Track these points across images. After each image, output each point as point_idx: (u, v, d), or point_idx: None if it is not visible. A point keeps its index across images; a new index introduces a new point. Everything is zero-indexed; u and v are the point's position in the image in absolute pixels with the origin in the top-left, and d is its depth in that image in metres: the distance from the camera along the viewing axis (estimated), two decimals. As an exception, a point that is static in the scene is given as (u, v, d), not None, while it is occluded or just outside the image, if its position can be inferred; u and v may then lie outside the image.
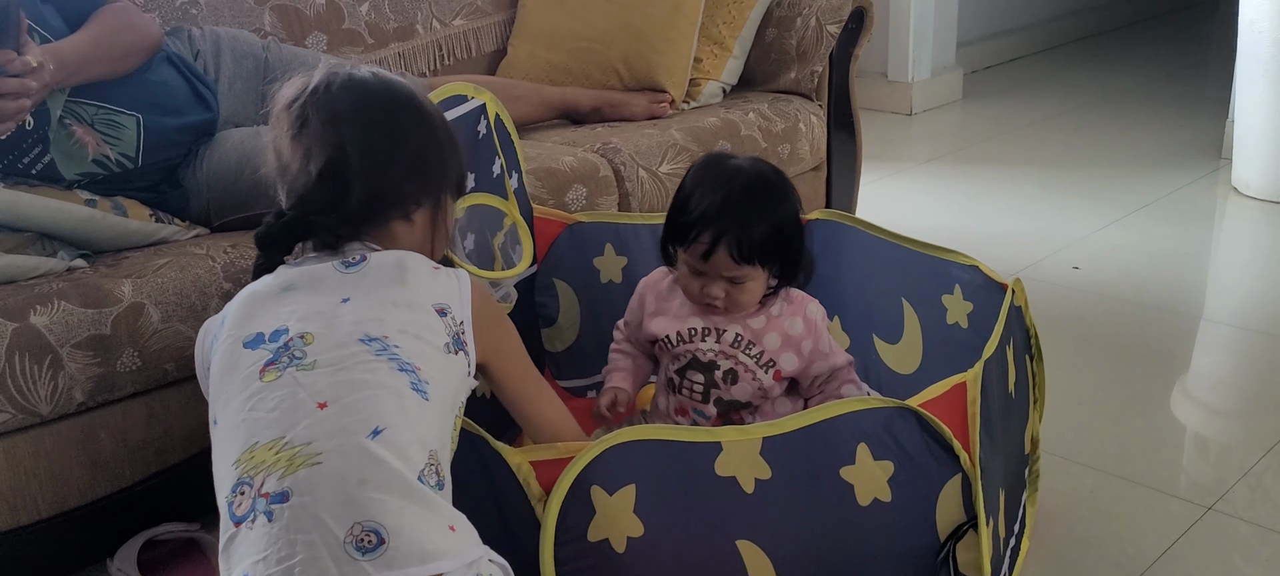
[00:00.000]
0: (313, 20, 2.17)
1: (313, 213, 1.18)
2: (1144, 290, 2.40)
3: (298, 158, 1.19)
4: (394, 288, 1.15)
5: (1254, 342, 2.18)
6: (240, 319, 1.14)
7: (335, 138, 1.18)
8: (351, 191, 1.18)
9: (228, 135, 1.76)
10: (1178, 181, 3.11)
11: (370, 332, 1.09)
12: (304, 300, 1.13)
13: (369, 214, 1.20)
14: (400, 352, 1.09)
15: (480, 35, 2.44)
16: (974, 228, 2.82)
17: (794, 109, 2.33)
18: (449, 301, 1.18)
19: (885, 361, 1.83)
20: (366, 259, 1.17)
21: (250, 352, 1.10)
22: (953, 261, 1.69)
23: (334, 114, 1.19)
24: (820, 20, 2.34)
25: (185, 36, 1.87)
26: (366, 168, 1.19)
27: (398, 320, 1.12)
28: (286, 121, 1.21)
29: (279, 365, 1.07)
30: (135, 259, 1.56)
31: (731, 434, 1.20)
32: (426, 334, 1.13)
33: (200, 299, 1.52)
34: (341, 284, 1.15)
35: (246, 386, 1.07)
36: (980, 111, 4.01)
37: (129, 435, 1.51)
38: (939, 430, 1.23)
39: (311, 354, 1.07)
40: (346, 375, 1.06)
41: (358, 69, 1.26)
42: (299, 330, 1.09)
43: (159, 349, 1.49)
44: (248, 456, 1.03)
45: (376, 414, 1.04)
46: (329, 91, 1.20)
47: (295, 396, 1.04)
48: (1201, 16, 5.73)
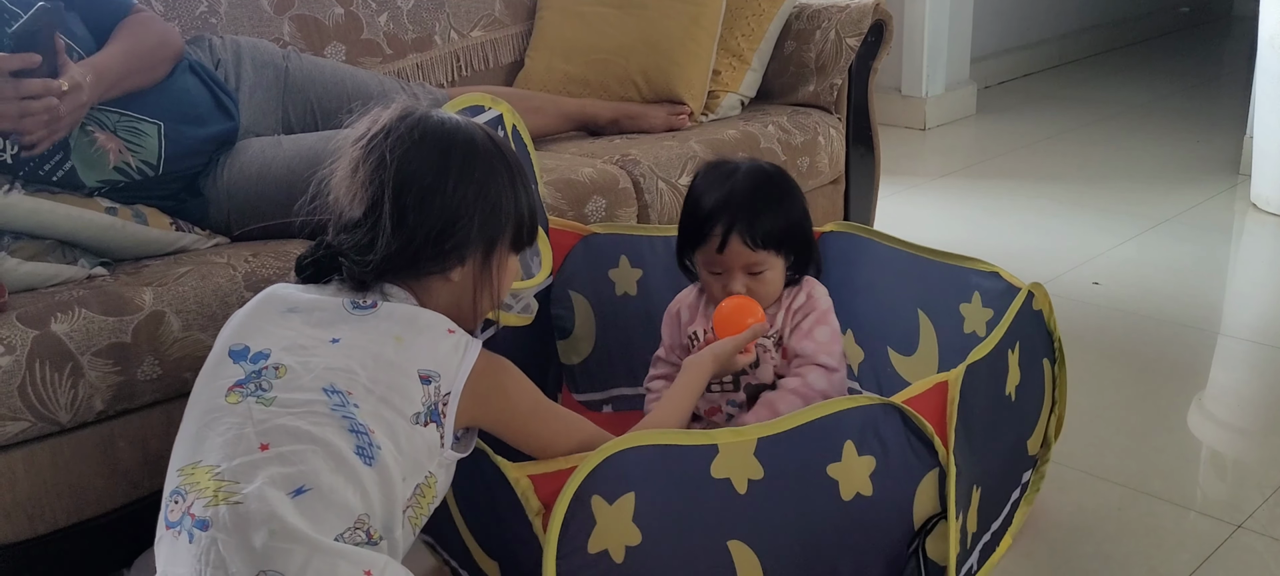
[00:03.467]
0: (331, 30, 2.17)
1: (345, 251, 1.20)
2: (1164, 306, 2.38)
3: (346, 193, 1.22)
4: (385, 343, 1.15)
5: (1275, 359, 2.16)
6: (241, 325, 1.19)
7: (379, 186, 1.19)
8: (384, 241, 1.19)
9: (248, 144, 1.75)
10: (1196, 197, 3.09)
11: (336, 384, 1.12)
12: (298, 329, 1.17)
13: (400, 266, 1.21)
14: (357, 413, 1.11)
15: (498, 46, 2.43)
16: (991, 243, 2.81)
17: (813, 122, 2.32)
18: (439, 370, 1.16)
19: (900, 373, 1.81)
20: (377, 307, 1.19)
21: (230, 365, 1.15)
22: (972, 269, 1.68)
23: (383, 161, 1.20)
24: (840, 33, 2.34)
25: (206, 45, 1.87)
26: (402, 222, 1.19)
27: (370, 378, 1.13)
28: (348, 155, 1.23)
29: (244, 390, 1.12)
30: (155, 267, 1.55)
31: (727, 436, 1.21)
32: (396, 399, 1.13)
33: (221, 308, 1.51)
34: (340, 323, 1.17)
35: (212, 399, 1.13)
36: (995, 127, 3.99)
37: (148, 444, 1.50)
38: (920, 425, 1.26)
39: (276, 389, 1.11)
40: (295, 422, 1.10)
41: (430, 114, 1.25)
42: (277, 360, 1.14)
43: (179, 357, 1.48)
44: (189, 470, 1.10)
45: (305, 472, 1.07)
46: (387, 137, 1.21)
47: (242, 430, 1.09)
48: (1215, 32, 5.72)
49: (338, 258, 1.21)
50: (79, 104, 1.47)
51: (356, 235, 1.20)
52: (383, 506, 1.10)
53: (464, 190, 1.21)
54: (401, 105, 1.25)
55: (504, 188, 1.25)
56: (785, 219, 1.51)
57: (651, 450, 1.21)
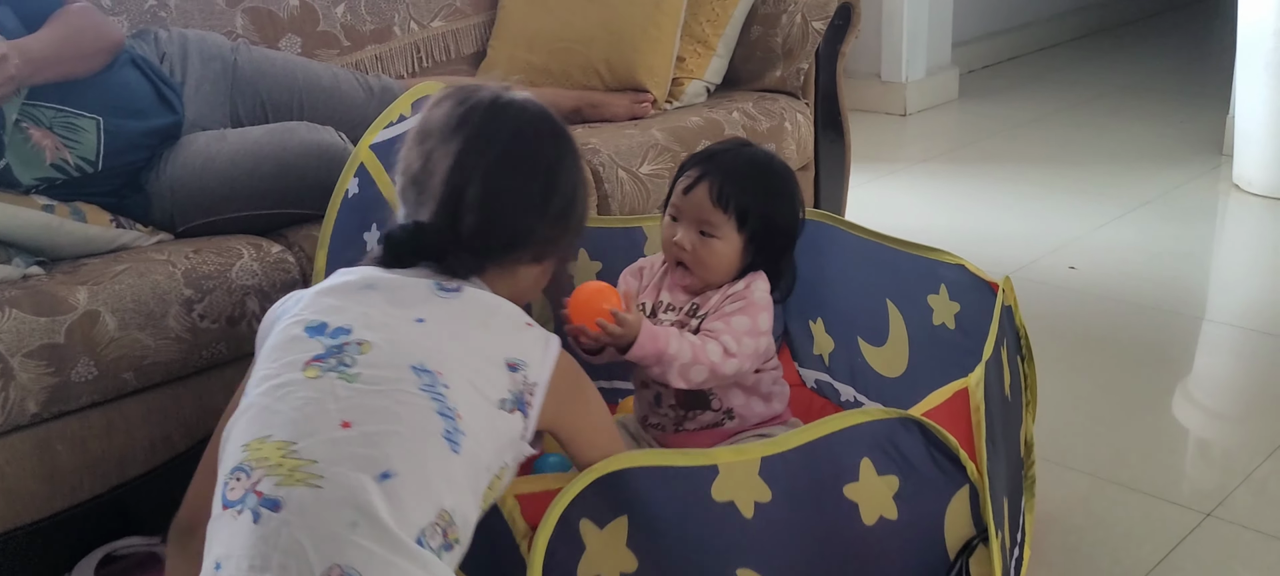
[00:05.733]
0: (286, 22, 2.12)
1: (447, 236, 1.12)
2: (1142, 290, 2.34)
3: (442, 174, 1.13)
4: (474, 328, 1.08)
5: (1256, 343, 2.12)
6: (316, 304, 1.08)
7: (496, 167, 1.13)
8: (494, 224, 1.13)
9: (193, 139, 1.71)
10: (1178, 178, 3.06)
11: (425, 363, 1.03)
12: (380, 306, 1.07)
13: (501, 251, 1.15)
14: (446, 394, 1.02)
15: (459, 37, 2.39)
16: (969, 228, 2.77)
17: (779, 108, 2.28)
18: (527, 359, 1.09)
19: (871, 365, 1.77)
20: (462, 289, 1.11)
21: (306, 339, 1.05)
22: (939, 260, 1.64)
23: (490, 141, 1.13)
24: (806, 17, 2.29)
25: (151, 38, 1.83)
26: (518, 205, 1.14)
27: (460, 360, 1.05)
28: (439, 134, 1.15)
29: (324, 364, 1.02)
30: (94, 266, 1.51)
31: (728, 455, 1.13)
32: (484, 384, 1.05)
33: (159, 306, 1.47)
34: (425, 303, 1.08)
35: (285, 372, 1.03)
36: (976, 111, 3.95)
37: (87, 446, 1.46)
38: (945, 440, 1.17)
39: (360, 365, 1.02)
40: (381, 400, 1.00)
41: (516, 94, 1.19)
42: (360, 336, 1.04)
43: (116, 357, 1.44)
44: (256, 445, 0.99)
45: (392, 455, 0.97)
46: (490, 115, 1.15)
47: (324, 405, 0.99)
48: (1196, 13, 5.67)
49: (432, 241, 1.12)
50: (7, 76, 1.43)
51: (465, 219, 1.12)
52: (465, 498, 1.02)
53: (573, 170, 1.18)
54: (493, 86, 1.19)
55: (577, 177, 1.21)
56: (762, 202, 1.47)
57: (645, 472, 1.13)
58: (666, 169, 2.06)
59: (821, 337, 1.86)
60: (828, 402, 1.86)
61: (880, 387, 1.77)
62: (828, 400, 1.86)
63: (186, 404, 1.54)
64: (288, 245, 1.64)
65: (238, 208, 1.66)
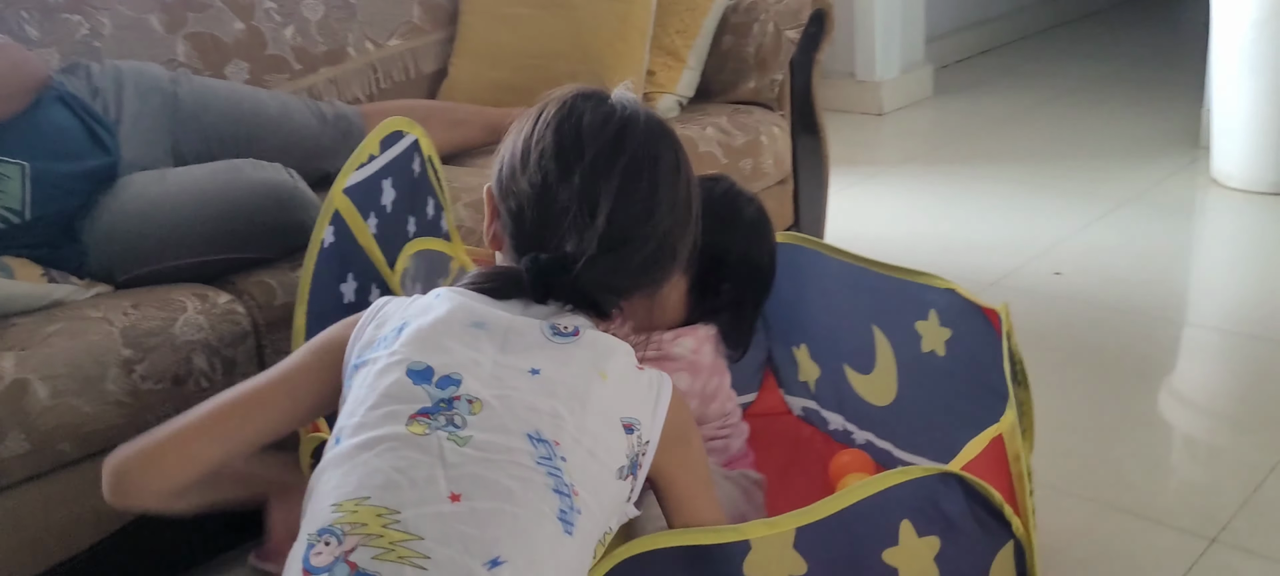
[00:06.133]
0: (232, 47, 2.02)
1: (603, 269, 1.00)
2: (1130, 295, 2.28)
3: (615, 207, 1.00)
4: (590, 380, 0.97)
5: (1249, 348, 2.06)
6: (419, 341, 0.96)
7: (659, 195, 1.02)
8: (653, 255, 1.02)
9: (131, 181, 1.60)
10: (1157, 174, 2.99)
11: (542, 431, 0.92)
12: (490, 353, 0.96)
13: (646, 281, 1.05)
14: (564, 469, 0.92)
15: (418, 55, 2.29)
16: (951, 233, 2.69)
17: (755, 121, 2.19)
18: (641, 416, 0.99)
19: (859, 392, 1.69)
20: (579, 333, 0.99)
21: (411, 386, 0.93)
22: (927, 285, 1.56)
23: (659, 167, 1.03)
24: (778, 26, 2.21)
25: (83, 73, 1.72)
26: (675, 232, 1.04)
27: (578, 426, 0.94)
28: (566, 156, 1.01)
29: (433, 420, 0.91)
30: (23, 326, 1.40)
31: (760, 529, 1.03)
32: (603, 453, 0.95)
33: (96, 369, 1.37)
34: (538, 351, 0.97)
35: (388, 424, 0.91)
36: (952, 108, 3.88)
37: (22, 525, 1.35)
38: (987, 495, 1.09)
39: (471, 427, 0.91)
40: (494, 473, 0.90)
41: (640, 104, 1.08)
42: (471, 391, 0.93)
43: (50, 428, 1.34)
44: (352, 506, 0.88)
45: (503, 540, 0.87)
46: (650, 138, 1.04)
47: (432, 472, 0.89)
48: (1159, 1, 5.64)
49: (576, 275, 1.00)
50: None
51: (615, 257, 1.00)
52: None
53: (695, 201, 1.08)
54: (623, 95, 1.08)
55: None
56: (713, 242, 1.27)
57: (672, 553, 1.03)
58: (637, 191, 1.97)
59: (807, 364, 1.78)
60: (815, 430, 1.78)
61: (869, 416, 1.69)
62: (816, 428, 1.78)
63: (131, 470, 1.44)
64: (236, 294, 1.53)
65: (183, 255, 1.55)
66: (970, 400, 1.54)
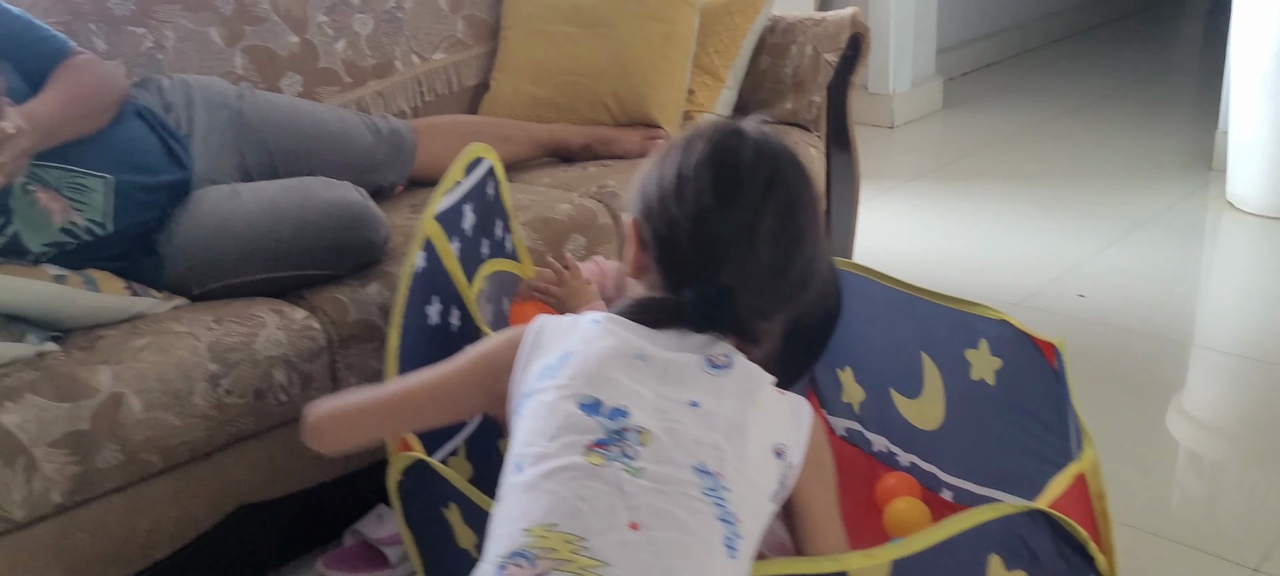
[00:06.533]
0: (286, 60, 2.05)
1: (761, 300, 1.05)
2: (1155, 320, 2.34)
3: (775, 242, 1.05)
4: (746, 410, 1.01)
5: (1277, 377, 2.12)
6: (586, 373, 1.00)
7: (808, 228, 1.08)
8: (802, 285, 1.08)
9: (204, 195, 1.64)
10: (1172, 196, 3.07)
11: (706, 463, 0.97)
12: (651, 384, 1.00)
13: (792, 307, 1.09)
14: (728, 498, 0.96)
15: (461, 69, 2.33)
16: (971, 251, 2.75)
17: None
18: (788, 441, 1.03)
19: (905, 416, 1.74)
20: (732, 364, 1.03)
21: (583, 417, 0.98)
22: (979, 315, 1.61)
23: (794, 195, 1.07)
24: (817, 48, 2.26)
25: (154, 87, 1.75)
26: (812, 265, 1.08)
27: (738, 456, 0.98)
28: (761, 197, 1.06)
29: (608, 452, 0.96)
30: (111, 339, 1.44)
31: (858, 560, 1.07)
32: (760, 480, 1.00)
33: (184, 383, 1.41)
34: (697, 383, 1.01)
35: (567, 454, 0.96)
36: (962, 122, 3.95)
37: (109, 533, 1.39)
38: (1073, 532, 1.13)
39: (643, 459, 0.96)
40: (667, 503, 0.94)
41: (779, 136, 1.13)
42: (639, 423, 0.98)
43: (142, 440, 1.37)
44: (542, 532, 0.93)
45: (679, 568, 0.92)
46: (779, 162, 1.08)
47: (612, 502, 0.94)
48: (1163, 15, 5.73)
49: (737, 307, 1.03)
50: (19, 151, 1.36)
51: (781, 280, 1.05)
52: None
53: (821, 221, 1.12)
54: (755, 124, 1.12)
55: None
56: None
57: None
58: (685, 211, 2.01)
59: (851, 386, 1.83)
60: (858, 451, 1.83)
61: (915, 439, 1.74)
62: (858, 449, 1.83)
63: (211, 481, 1.48)
64: (311, 310, 1.57)
65: (257, 270, 1.59)
66: (1019, 429, 1.60)
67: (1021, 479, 1.62)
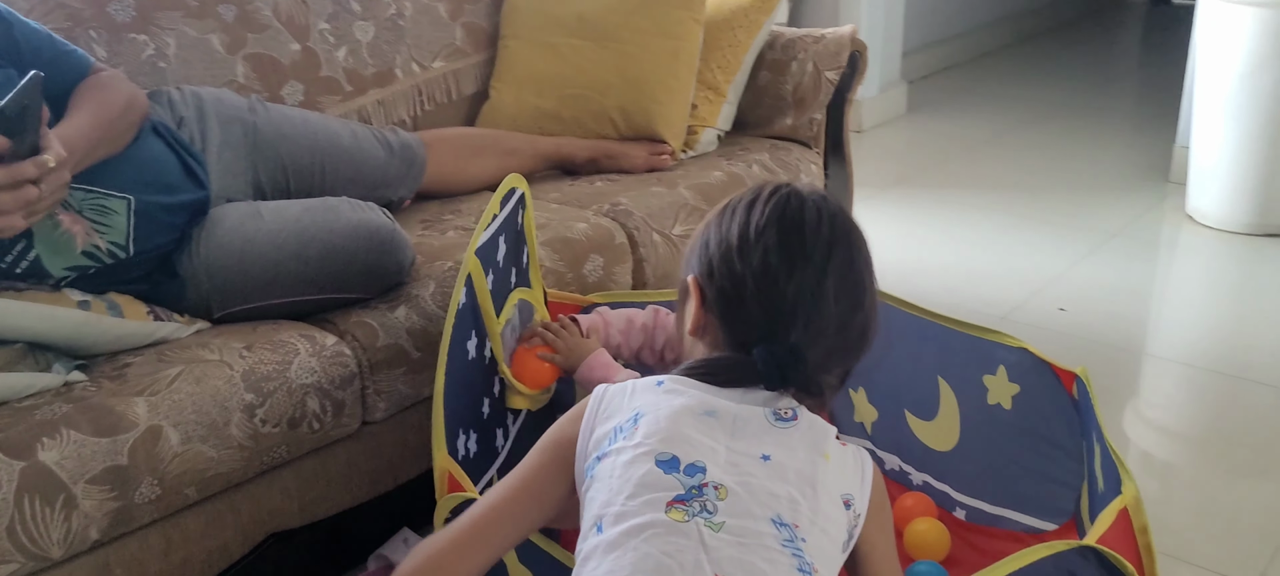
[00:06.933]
0: (289, 69, 2.01)
1: (825, 356, 1.08)
2: (1134, 334, 2.42)
3: (836, 302, 1.08)
4: (815, 463, 1.03)
5: (1258, 395, 2.19)
6: (661, 431, 1.02)
7: (865, 286, 1.11)
8: (861, 342, 1.11)
9: (224, 214, 1.60)
10: (1135, 209, 3.16)
11: (783, 515, 0.99)
12: (723, 439, 1.03)
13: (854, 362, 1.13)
14: (805, 549, 0.99)
15: (460, 77, 2.30)
16: (952, 264, 2.81)
17: (794, 159, 2.27)
18: (854, 492, 1.06)
19: (919, 437, 1.78)
20: (798, 417, 1.06)
21: (662, 475, 1.00)
22: (997, 343, 1.65)
23: (855, 254, 1.11)
24: (817, 66, 2.28)
25: (165, 100, 1.70)
26: (872, 319, 1.12)
27: (811, 508, 1.01)
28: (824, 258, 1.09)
29: (689, 509, 0.98)
30: (141, 368, 1.40)
31: None
32: (832, 529, 1.03)
33: (221, 414, 1.38)
34: (766, 437, 1.04)
35: (648, 511, 0.98)
36: (927, 128, 4.02)
37: (145, 567, 1.36)
38: (1122, 568, 1.17)
39: (722, 513, 0.98)
40: (749, 555, 0.97)
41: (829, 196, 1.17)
42: (716, 478, 1.00)
43: (179, 473, 1.35)
44: None
45: None
46: (837, 223, 1.12)
47: (697, 556, 0.96)
48: (1108, 23, 5.89)
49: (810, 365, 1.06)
50: (61, 184, 1.31)
51: (849, 338, 1.09)
52: None
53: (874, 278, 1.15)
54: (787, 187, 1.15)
55: None
56: None
57: None
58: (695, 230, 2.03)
59: (863, 407, 1.86)
60: (871, 471, 1.87)
61: (928, 459, 1.78)
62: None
63: (244, 510, 1.45)
64: (340, 335, 1.55)
65: (282, 293, 1.56)
66: (1033, 453, 1.65)
67: (1035, 500, 1.67)
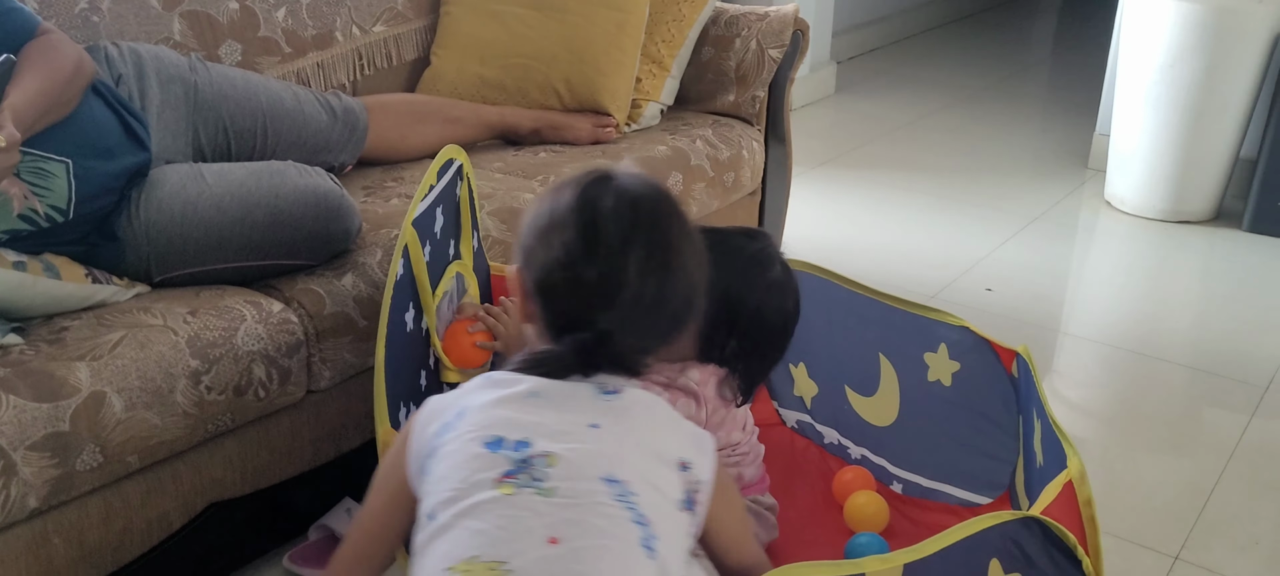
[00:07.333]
0: (226, 28, 1.96)
1: (636, 338, 1.08)
2: (1054, 314, 2.50)
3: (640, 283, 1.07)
4: (644, 428, 1.07)
5: (1174, 375, 2.29)
6: (484, 420, 1.04)
7: (678, 266, 1.10)
8: (676, 320, 1.11)
9: (164, 176, 1.55)
10: (1055, 193, 3.26)
11: (613, 473, 1.02)
12: (551, 414, 1.05)
13: (672, 341, 1.12)
14: (638, 502, 1.02)
15: (401, 42, 2.27)
16: (882, 242, 2.86)
17: (736, 135, 2.28)
18: (691, 458, 1.10)
19: (858, 412, 1.82)
20: (622, 391, 1.09)
21: (489, 454, 1.02)
22: (939, 321, 1.69)
23: (661, 234, 1.10)
24: (761, 43, 2.30)
25: (102, 56, 1.64)
26: (693, 298, 1.12)
27: (641, 465, 1.04)
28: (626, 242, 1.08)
29: (517, 481, 1.00)
30: (79, 332, 1.36)
31: (875, 564, 1.14)
32: (664, 486, 1.06)
33: (166, 381, 1.34)
34: (593, 408, 1.07)
35: (477, 491, 1.00)
36: (854, 109, 4.08)
37: (85, 537, 1.33)
38: (1064, 538, 1.22)
39: (553, 479, 1.00)
40: (582, 514, 0.99)
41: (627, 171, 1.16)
42: (544, 448, 1.02)
43: (122, 441, 1.31)
44: (465, 567, 0.97)
45: (604, 569, 0.97)
46: (639, 206, 1.10)
47: (527, 522, 0.98)
48: (1024, 11, 6.04)
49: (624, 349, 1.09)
50: (11, 165, 1.27)
51: (646, 327, 1.09)
52: None
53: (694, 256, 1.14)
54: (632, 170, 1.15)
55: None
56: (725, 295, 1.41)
57: None
58: (641, 203, 2.03)
59: (804, 381, 1.89)
60: (811, 443, 1.90)
61: (866, 433, 1.82)
62: (810, 441, 1.90)
63: (185, 479, 1.42)
64: (286, 302, 1.52)
65: (226, 258, 1.53)
66: (970, 429, 1.70)
67: (970, 474, 1.72)
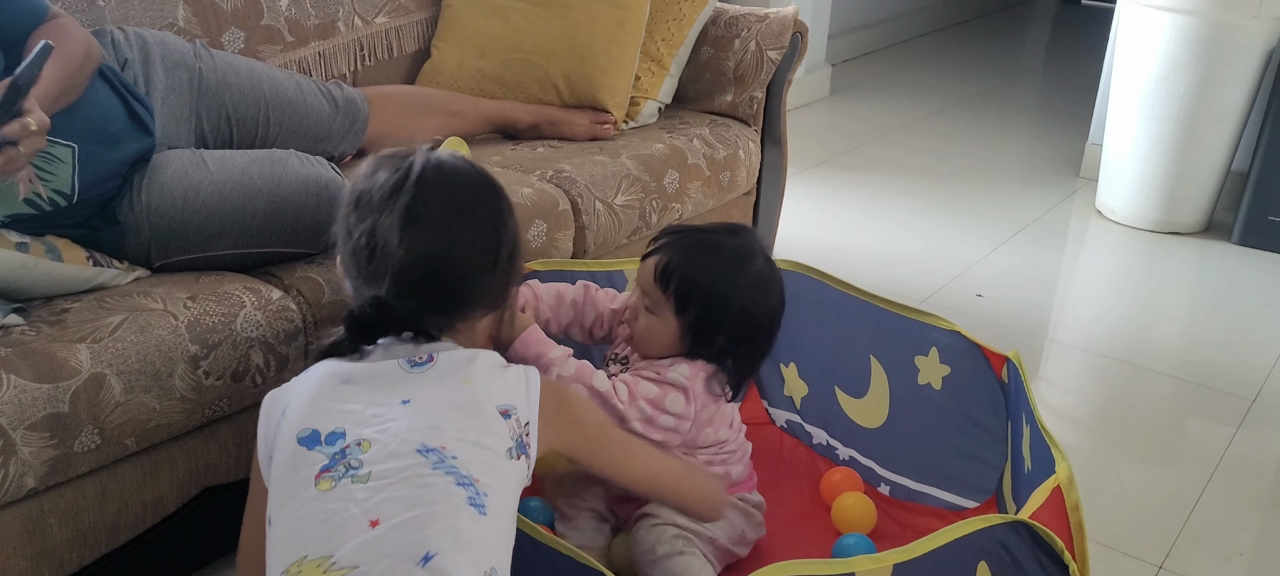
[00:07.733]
0: (230, 15, 1.96)
1: (414, 303, 1.14)
2: (1043, 322, 2.52)
3: (400, 246, 1.13)
4: (457, 389, 1.11)
5: (1161, 386, 2.32)
6: (303, 412, 1.09)
7: (445, 231, 1.15)
8: (455, 285, 1.16)
9: (166, 161, 1.56)
10: (1047, 200, 3.28)
11: (427, 443, 1.05)
12: (363, 399, 1.09)
13: (464, 307, 1.18)
14: (458, 464, 1.05)
15: (403, 34, 2.28)
16: (874, 245, 2.88)
17: (734, 135, 2.30)
18: (514, 402, 1.14)
19: (848, 414, 1.84)
20: (434, 359, 1.13)
21: (306, 453, 1.06)
22: (931, 325, 1.71)
23: (444, 206, 1.16)
24: (760, 44, 2.32)
25: (109, 40, 1.65)
26: (474, 262, 1.17)
27: (457, 427, 1.08)
28: (381, 205, 1.15)
29: (334, 474, 1.04)
30: (80, 314, 1.37)
31: (865, 563, 1.16)
32: (488, 440, 1.09)
33: (165, 365, 1.36)
34: (403, 383, 1.11)
35: (300, 491, 1.04)
36: (849, 111, 4.10)
37: (81, 518, 1.34)
38: (1051, 542, 1.24)
39: (367, 463, 1.04)
40: (401, 490, 1.02)
41: (449, 156, 1.21)
42: (356, 435, 1.06)
43: (121, 423, 1.32)
44: (295, 569, 1.00)
45: (428, 537, 1.00)
46: (435, 181, 1.17)
47: (347, 511, 1.01)
48: (1020, 16, 6.07)
49: (399, 311, 1.14)
50: (39, 147, 1.28)
51: (428, 286, 1.15)
52: (502, 552, 1.06)
53: (511, 220, 1.22)
54: (422, 153, 1.20)
55: (515, 223, 1.25)
56: (711, 291, 1.45)
57: None
58: (638, 200, 2.05)
59: (794, 381, 1.91)
60: (800, 443, 1.92)
61: (855, 435, 1.84)
62: (799, 441, 1.92)
63: (180, 464, 1.43)
64: (286, 289, 1.53)
65: (226, 245, 1.54)
66: (959, 433, 1.72)
67: (957, 478, 1.74)
